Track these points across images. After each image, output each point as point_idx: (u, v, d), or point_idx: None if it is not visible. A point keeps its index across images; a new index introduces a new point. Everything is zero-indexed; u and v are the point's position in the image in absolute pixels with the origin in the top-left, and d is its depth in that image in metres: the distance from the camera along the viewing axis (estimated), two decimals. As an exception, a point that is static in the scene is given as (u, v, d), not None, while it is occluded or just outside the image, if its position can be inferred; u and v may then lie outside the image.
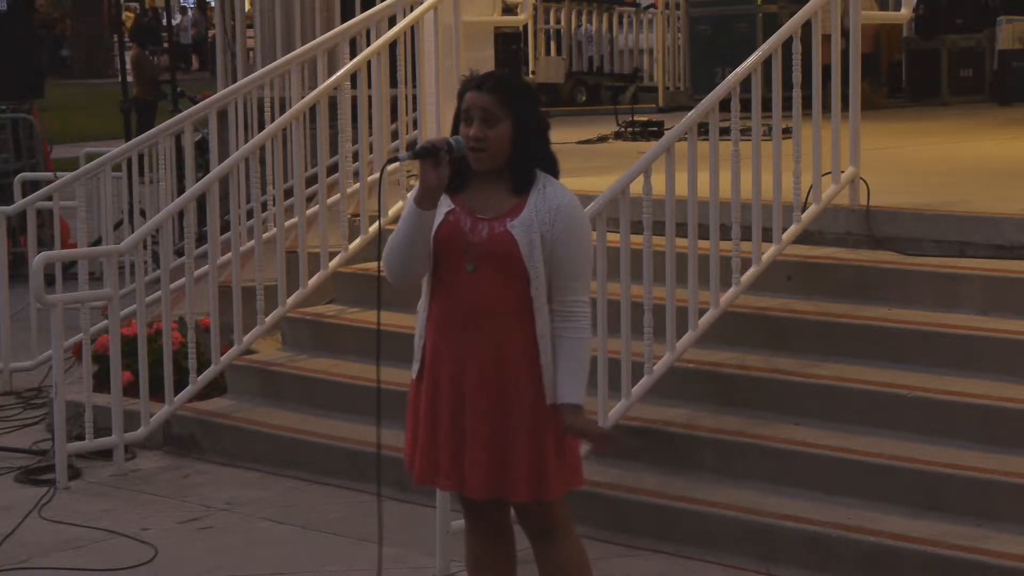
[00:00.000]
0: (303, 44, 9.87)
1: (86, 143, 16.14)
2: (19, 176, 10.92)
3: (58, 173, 10.92)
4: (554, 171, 4.75)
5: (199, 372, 7.98)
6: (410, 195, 4.73)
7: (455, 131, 4.71)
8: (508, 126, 4.64)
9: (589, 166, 9.58)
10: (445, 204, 4.70)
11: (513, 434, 4.65)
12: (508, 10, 10.52)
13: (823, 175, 7.39)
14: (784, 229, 7.18)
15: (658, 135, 11.11)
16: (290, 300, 8.28)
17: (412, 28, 9.02)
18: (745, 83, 6.98)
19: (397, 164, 5.15)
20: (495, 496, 4.73)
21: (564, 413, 4.64)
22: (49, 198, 9.46)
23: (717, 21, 15.28)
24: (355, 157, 9.08)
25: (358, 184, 8.79)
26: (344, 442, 7.38)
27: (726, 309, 6.95)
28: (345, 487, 7.17)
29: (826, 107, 7.36)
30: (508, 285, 4.63)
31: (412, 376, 4.85)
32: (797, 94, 7.17)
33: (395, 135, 9.64)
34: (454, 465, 4.71)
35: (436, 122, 8.88)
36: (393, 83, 9.15)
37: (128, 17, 40.91)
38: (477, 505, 4.83)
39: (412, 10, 9.01)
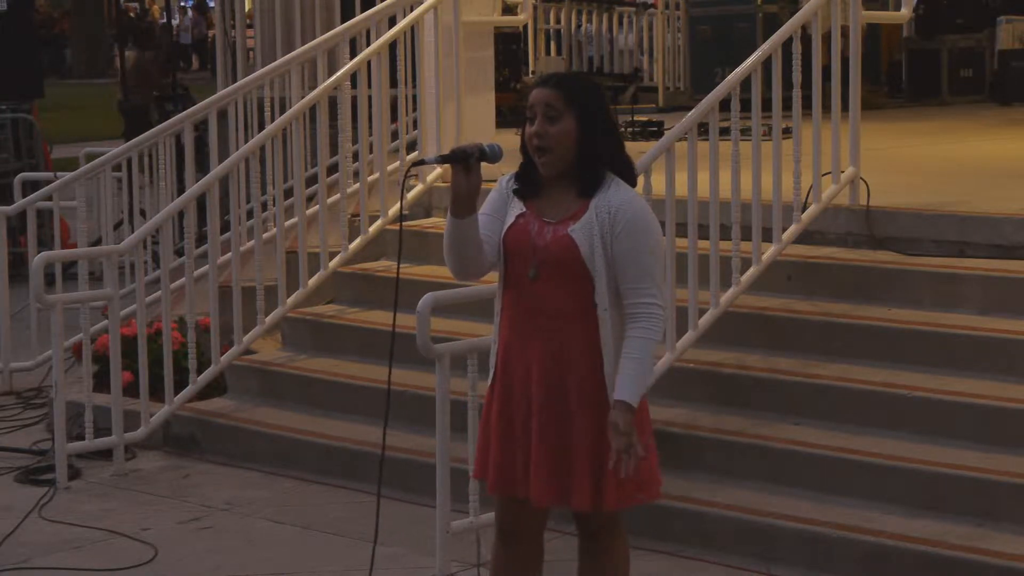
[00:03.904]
0: (303, 44, 9.87)
1: (86, 143, 16.13)
2: (19, 176, 10.92)
3: (58, 173, 10.92)
4: (629, 174, 4.60)
5: (199, 372, 7.98)
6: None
7: (523, 136, 4.58)
8: (572, 123, 4.50)
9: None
10: (517, 207, 4.60)
11: (576, 442, 4.53)
12: (508, 10, 10.53)
13: (823, 175, 7.39)
14: (784, 229, 7.18)
15: (658, 135, 11.11)
16: (290, 300, 8.28)
17: (412, 28, 9.02)
18: (745, 83, 6.98)
19: (411, 165, 5.01)
20: (556, 505, 4.64)
21: (613, 409, 4.47)
22: (49, 198, 9.45)
23: (717, 21, 15.27)
24: (355, 157, 9.08)
25: (358, 184, 8.80)
26: (344, 442, 7.38)
27: (726, 309, 6.95)
28: (345, 487, 7.17)
29: (826, 107, 7.37)
30: (571, 290, 4.52)
31: (487, 382, 4.74)
32: (797, 94, 7.18)
33: (395, 135, 9.65)
34: (525, 472, 4.60)
35: (436, 122, 8.88)
36: (393, 83, 9.15)
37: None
38: (519, 517, 4.74)
39: (412, 10, 9.01)
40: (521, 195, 4.62)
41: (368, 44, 8.90)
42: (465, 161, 4.50)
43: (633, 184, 4.61)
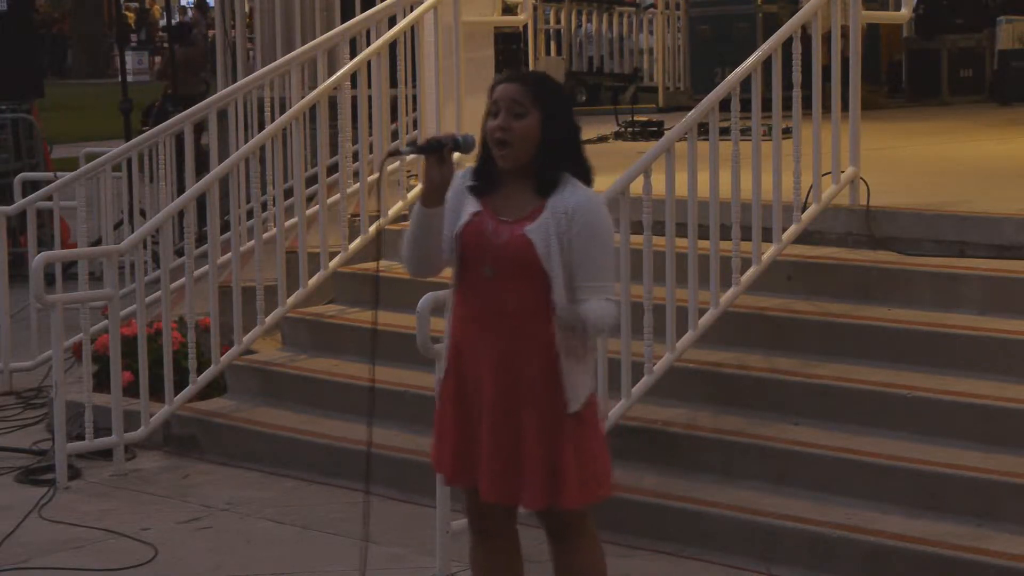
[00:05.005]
0: (303, 44, 9.87)
1: (86, 143, 16.14)
2: (19, 176, 10.92)
3: (58, 173, 10.92)
4: (586, 177, 4.62)
5: (199, 372, 7.98)
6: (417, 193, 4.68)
7: (483, 129, 4.61)
8: (535, 121, 4.53)
9: (589, 166, 9.57)
10: (472, 205, 4.62)
11: (528, 441, 4.56)
12: (508, 10, 10.52)
13: (823, 175, 7.39)
14: (784, 229, 7.18)
15: (658, 135, 11.11)
16: (290, 300, 8.28)
17: (412, 28, 9.02)
18: (745, 83, 6.98)
19: (398, 158, 5.08)
20: (507, 502, 4.66)
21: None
22: (49, 198, 9.46)
23: (717, 21, 15.28)
24: (355, 157, 9.08)
25: (358, 184, 8.80)
26: (344, 442, 7.37)
27: (726, 309, 6.95)
28: (345, 487, 7.16)
29: (826, 107, 7.37)
30: (527, 289, 4.54)
31: (439, 375, 4.79)
32: (797, 94, 7.18)
33: (395, 135, 9.64)
34: (479, 466, 4.64)
35: (436, 122, 8.88)
36: (393, 83, 9.15)
37: (129, 17, 40.92)
38: (485, 510, 4.77)
39: (412, 10, 9.01)
40: (477, 192, 4.64)
41: (368, 44, 8.90)
42: (438, 151, 4.53)
43: (590, 185, 4.64)
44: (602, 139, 11.90)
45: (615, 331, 4.70)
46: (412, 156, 4.72)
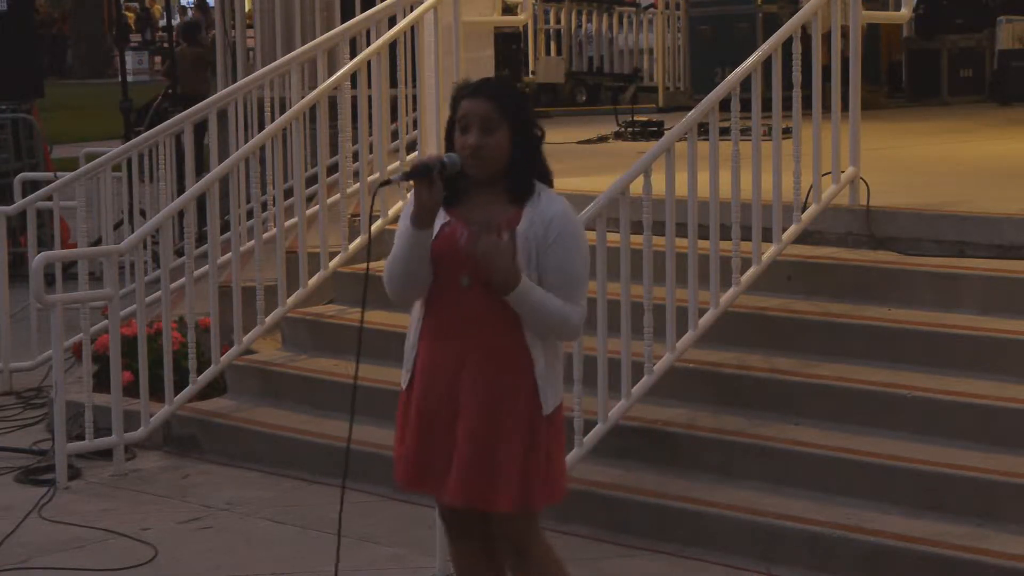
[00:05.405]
0: (303, 44, 9.87)
1: (86, 143, 16.14)
2: (19, 176, 10.92)
3: (58, 173, 10.92)
4: (548, 180, 4.70)
5: (199, 372, 7.98)
6: (403, 213, 4.68)
7: (449, 139, 4.65)
8: (506, 133, 4.59)
9: (589, 166, 9.59)
10: (441, 216, 4.65)
11: (504, 445, 4.58)
12: (508, 10, 10.53)
13: (823, 175, 7.39)
14: (784, 229, 7.18)
15: (658, 135, 11.11)
16: (290, 300, 8.28)
17: (412, 28, 9.02)
18: (745, 83, 6.98)
19: (379, 186, 5.07)
20: (475, 506, 4.68)
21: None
22: (49, 198, 9.46)
23: (717, 21, 15.28)
24: (355, 157, 9.08)
25: (358, 184, 8.80)
26: (344, 442, 7.35)
27: (726, 309, 6.95)
28: (346, 487, 7.15)
29: (826, 107, 7.37)
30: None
31: (402, 386, 4.80)
32: (797, 94, 7.18)
33: (395, 135, 9.64)
34: (443, 472, 4.65)
35: (436, 122, 8.87)
36: (393, 83, 9.15)
37: (129, 17, 40.92)
38: (457, 514, 4.79)
39: (412, 10, 9.01)
40: (445, 203, 4.65)
41: (368, 44, 8.90)
42: (427, 175, 4.55)
43: (551, 186, 4.70)
44: (602, 139, 11.91)
45: (571, 337, 4.76)
46: (410, 156, 4.73)
